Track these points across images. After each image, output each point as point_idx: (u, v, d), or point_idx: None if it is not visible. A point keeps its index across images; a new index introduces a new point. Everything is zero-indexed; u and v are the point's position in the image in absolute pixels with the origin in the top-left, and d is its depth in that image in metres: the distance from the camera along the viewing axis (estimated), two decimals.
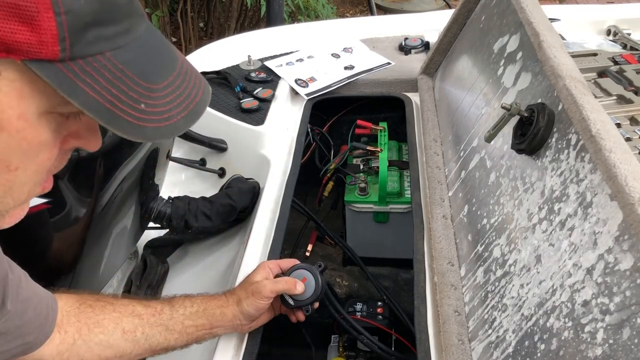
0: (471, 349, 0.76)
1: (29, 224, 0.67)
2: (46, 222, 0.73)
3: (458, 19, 1.29)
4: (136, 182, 0.88)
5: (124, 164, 0.81)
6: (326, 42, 1.75)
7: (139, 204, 0.98)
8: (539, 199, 0.71)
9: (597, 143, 0.58)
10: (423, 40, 1.68)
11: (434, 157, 1.14)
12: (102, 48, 0.41)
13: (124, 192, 0.86)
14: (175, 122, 0.45)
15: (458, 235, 0.94)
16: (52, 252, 0.79)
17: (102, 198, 0.79)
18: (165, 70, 0.46)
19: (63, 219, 0.76)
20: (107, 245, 0.90)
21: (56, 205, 0.71)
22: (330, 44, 1.76)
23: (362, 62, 1.61)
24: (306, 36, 1.78)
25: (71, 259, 0.84)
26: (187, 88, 0.47)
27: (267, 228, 1.09)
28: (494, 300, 0.74)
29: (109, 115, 0.41)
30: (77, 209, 0.74)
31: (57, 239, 0.78)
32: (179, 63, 0.48)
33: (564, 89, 0.69)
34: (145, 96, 0.43)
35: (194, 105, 0.47)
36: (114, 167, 0.79)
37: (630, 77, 0.98)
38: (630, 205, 0.51)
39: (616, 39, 1.48)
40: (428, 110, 1.31)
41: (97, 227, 0.83)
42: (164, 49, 0.48)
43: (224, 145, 1.45)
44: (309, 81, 1.54)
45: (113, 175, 0.79)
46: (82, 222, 0.79)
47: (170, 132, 0.45)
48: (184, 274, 1.26)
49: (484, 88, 1.02)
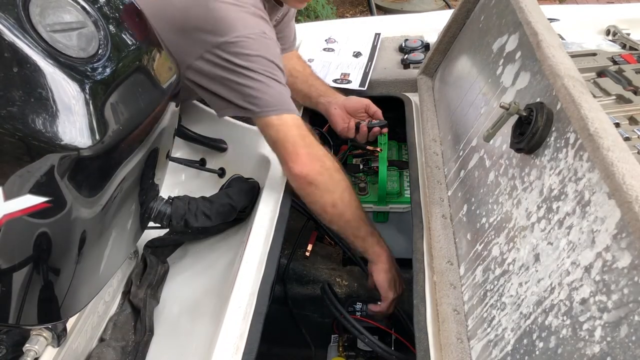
0: (470, 347, 0.76)
1: (27, 224, 0.67)
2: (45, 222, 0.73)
3: (457, 19, 1.29)
4: (136, 182, 0.88)
5: (124, 164, 0.81)
6: (323, 41, 1.76)
7: (139, 204, 0.98)
8: (537, 197, 0.71)
9: (595, 141, 0.59)
10: (423, 41, 1.68)
11: (433, 156, 1.15)
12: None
13: (124, 192, 0.86)
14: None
15: (457, 234, 0.95)
16: (52, 252, 0.79)
17: (102, 198, 0.79)
18: None
19: (63, 219, 0.76)
20: (107, 245, 0.89)
21: (56, 205, 0.71)
22: (327, 42, 1.77)
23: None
24: (306, 36, 1.78)
25: (71, 258, 0.84)
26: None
27: (267, 228, 1.09)
28: (493, 298, 0.75)
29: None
30: (77, 208, 0.74)
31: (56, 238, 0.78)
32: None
33: (563, 88, 0.69)
34: None
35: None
36: (113, 167, 0.79)
37: (630, 76, 0.98)
38: (628, 203, 0.51)
39: (615, 39, 1.48)
40: (427, 110, 1.31)
41: (97, 227, 0.83)
42: None
43: (224, 145, 1.45)
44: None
45: (113, 175, 0.79)
46: (82, 222, 0.79)
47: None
48: (184, 274, 1.26)
49: (483, 87, 1.02)
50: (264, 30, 1.07)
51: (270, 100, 1.06)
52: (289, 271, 1.56)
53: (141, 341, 1.09)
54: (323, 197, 1.10)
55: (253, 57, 1.04)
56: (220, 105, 1.11)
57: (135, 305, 1.15)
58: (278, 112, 1.07)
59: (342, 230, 1.15)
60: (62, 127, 0.62)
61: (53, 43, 0.63)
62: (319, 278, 1.59)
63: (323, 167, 1.10)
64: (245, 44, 1.04)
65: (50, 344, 0.91)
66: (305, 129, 1.11)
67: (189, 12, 1.05)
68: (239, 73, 1.04)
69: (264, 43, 1.06)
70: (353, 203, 1.13)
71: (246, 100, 1.06)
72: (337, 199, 1.11)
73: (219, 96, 1.09)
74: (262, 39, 1.06)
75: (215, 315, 1.03)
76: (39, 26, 0.62)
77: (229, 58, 1.04)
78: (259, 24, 1.07)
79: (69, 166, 0.65)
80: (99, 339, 1.10)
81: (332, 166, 1.11)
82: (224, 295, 1.04)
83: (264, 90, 1.05)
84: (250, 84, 1.05)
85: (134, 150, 0.81)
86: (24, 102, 0.60)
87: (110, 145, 0.70)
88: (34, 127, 0.61)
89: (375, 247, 1.15)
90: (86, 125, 0.65)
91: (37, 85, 0.61)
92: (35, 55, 0.61)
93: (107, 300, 1.15)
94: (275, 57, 1.08)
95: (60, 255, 0.77)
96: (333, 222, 1.14)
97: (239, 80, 1.05)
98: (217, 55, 1.05)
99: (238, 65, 1.04)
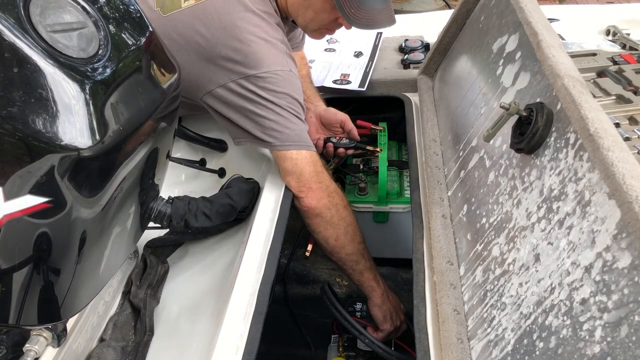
0: (470, 347, 0.76)
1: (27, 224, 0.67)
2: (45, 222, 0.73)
3: (457, 19, 1.29)
4: (136, 182, 0.88)
5: (124, 164, 0.81)
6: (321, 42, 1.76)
7: (139, 204, 0.98)
8: (537, 198, 0.71)
9: (595, 142, 0.59)
10: (423, 41, 1.68)
11: (434, 156, 1.15)
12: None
13: (124, 193, 0.86)
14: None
15: (457, 234, 0.95)
16: (52, 252, 0.79)
17: (102, 198, 0.79)
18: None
19: (63, 219, 0.76)
20: (107, 245, 0.89)
21: (56, 205, 0.71)
22: (328, 43, 1.77)
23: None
24: (308, 37, 1.77)
25: (71, 259, 0.84)
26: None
27: (267, 228, 1.09)
28: (493, 299, 0.75)
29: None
30: (77, 209, 0.74)
31: (56, 238, 0.78)
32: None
33: (563, 88, 0.69)
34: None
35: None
36: (114, 167, 0.79)
37: (630, 76, 0.98)
38: (628, 203, 0.51)
39: (615, 39, 1.48)
40: (427, 110, 1.31)
41: (97, 227, 0.83)
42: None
43: (224, 145, 1.45)
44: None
45: (113, 175, 0.79)
46: (82, 222, 0.79)
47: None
48: (184, 274, 1.26)
49: (483, 88, 1.02)
50: (291, 68, 1.12)
51: (291, 135, 1.11)
52: (289, 271, 1.57)
53: (141, 341, 1.09)
54: (327, 230, 1.16)
55: (279, 94, 1.09)
56: (239, 134, 1.14)
57: (136, 305, 1.15)
58: (298, 148, 1.12)
59: (342, 262, 1.21)
60: (62, 127, 0.62)
61: (53, 43, 0.63)
62: (319, 278, 1.59)
63: (331, 203, 1.15)
64: (273, 80, 1.08)
65: (50, 344, 0.91)
66: (320, 165, 1.17)
67: (218, 42, 1.07)
68: (264, 106, 1.08)
69: (290, 81, 1.11)
70: (356, 238, 1.19)
71: (266, 133, 1.10)
72: (340, 233, 1.16)
73: (238, 126, 1.13)
74: (289, 77, 1.11)
75: (215, 315, 1.03)
76: (39, 26, 0.62)
77: (255, 90, 1.07)
78: (287, 61, 1.12)
79: (69, 166, 0.65)
80: (99, 339, 1.10)
81: (340, 203, 1.17)
82: (224, 295, 1.04)
83: (286, 125, 1.10)
84: (273, 118, 1.09)
85: (134, 151, 0.80)
86: (24, 102, 0.60)
87: (110, 145, 0.70)
88: (34, 127, 0.61)
89: (371, 282, 1.21)
90: (86, 125, 0.65)
91: (37, 85, 0.61)
92: (36, 56, 0.61)
93: (107, 301, 1.15)
94: (299, 94, 1.13)
95: (61, 255, 0.76)
96: (333, 253, 1.19)
97: (262, 112, 1.09)
98: (243, 86, 1.08)
99: (264, 98, 1.08)
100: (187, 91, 1.13)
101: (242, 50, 1.06)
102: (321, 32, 1.24)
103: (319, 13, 1.16)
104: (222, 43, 1.07)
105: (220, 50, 1.07)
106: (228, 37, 1.07)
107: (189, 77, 1.10)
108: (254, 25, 1.08)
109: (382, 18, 1.14)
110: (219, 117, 1.15)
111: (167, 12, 1.12)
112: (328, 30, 1.23)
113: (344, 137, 1.42)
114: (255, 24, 1.08)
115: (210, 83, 1.10)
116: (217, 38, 1.07)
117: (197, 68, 1.09)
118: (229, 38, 1.07)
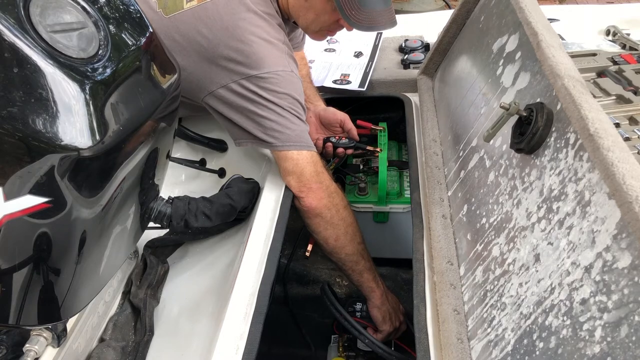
0: (470, 347, 0.76)
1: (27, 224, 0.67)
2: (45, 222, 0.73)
3: (457, 19, 1.29)
4: (136, 182, 0.88)
5: (124, 164, 0.81)
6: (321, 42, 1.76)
7: (139, 204, 0.98)
8: (537, 198, 0.71)
9: (595, 142, 0.59)
10: (423, 41, 1.68)
11: (434, 157, 1.15)
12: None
13: (124, 193, 0.86)
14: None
15: (457, 234, 0.95)
16: (52, 252, 0.79)
17: (102, 198, 0.79)
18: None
19: (63, 219, 0.76)
20: (107, 245, 0.89)
21: (56, 206, 0.71)
22: (328, 43, 1.77)
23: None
24: (308, 37, 1.77)
25: (71, 259, 0.84)
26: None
27: (267, 228, 1.09)
28: (493, 299, 0.75)
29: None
30: (77, 209, 0.74)
31: (56, 238, 0.78)
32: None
33: (563, 88, 0.69)
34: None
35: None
36: (114, 167, 0.79)
37: (630, 77, 0.98)
38: (628, 203, 0.51)
39: (615, 39, 1.48)
40: (427, 110, 1.31)
41: (97, 227, 0.83)
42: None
43: (224, 146, 1.45)
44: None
45: (113, 175, 0.79)
46: (82, 222, 0.79)
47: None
48: (184, 274, 1.26)
49: (483, 88, 1.02)
50: (292, 68, 1.12)
51: (292, 135, 1.11)
52: (289, 271, 1.56)
53: (141, 341, 1.09)
54: (327, 230, 1.16)
55: (280, 94, 1.09)
56: (240, 135, 1.15)
57: (136, 306, 1.15)
58: (299, 148, 1.12)
59: (341, 262, 1.20)
60: (62, 127, 0.62)
61: (53, 43, 0.63)
62: (319, 278, 1.59)
63: (332, 203, 1.15)
64: (275, 81, 1.08)
65: (51, 344, 0.91)
66: (321, 165, 1.17)
67: (220, 43, 1.07)
68: (265, 106, 1.09)
69: (292, 81, 1.11)
70: (355, 239, 1.19)
71: (267, 134, 1.10)
72: (340, 234, 1.16)
73: (239, 127, 1.13)
74: (291, 78, 1.11)
75: (215, 315, 1.03)
76: (39, 26, 0.62)
77: (256, 91, 1.08)
78: (289, 62, 1.12)
79: (69, 166, 0.65)
80: (99, 339, 1.10)
81: (341, 203, 1.17)
82: (224, 295, 1.04)
83: (287, 125, 1.10)
84: (274, 118, 1.09)
85: (134, 151, 0.80)
86: (24, 102, 0.60)
87: (110, 145, 0.70)
88: (34, 127, 0.61)
89: (371, 283, 1.21)
90: (86, 125, 0.65)
91: (37, 85, 0.61)
92: (36, 56, 0.61)
93: (107, 301, 1.15)
94: (300, 95, 1.13)
95: (61, 255, 0.76)
96: (333, 253, 1.19)
97: (263, 113, 1.09)
98: (244, 86, 1.08)
99: (265, 99, 1.08)
100: (188, 92, 1.13)
101: (244, 50, 1.06)
102: (322, 33, 1.24)
103: (320, 15, 1.16)
104: (224, 43, 1.07)
105: (222, 50, 1.07)
106: (230, 37, 1.07)
107: (190, 77, 1.10)
108: (256, 25, 1.08)
109: (383, 20, 1.13)
110: (220, 117, 1.15)
111: (169, 14, 1.12)
112: (329, 32, 1.23)
113: (343, 136, 1.42)
114: (257, 24, 1.09)
115: (211, 84, 1.10)
116: (219, 39, 1.07)
117: (199, 69, 1.09)
118: (230, 38, 1.07)
